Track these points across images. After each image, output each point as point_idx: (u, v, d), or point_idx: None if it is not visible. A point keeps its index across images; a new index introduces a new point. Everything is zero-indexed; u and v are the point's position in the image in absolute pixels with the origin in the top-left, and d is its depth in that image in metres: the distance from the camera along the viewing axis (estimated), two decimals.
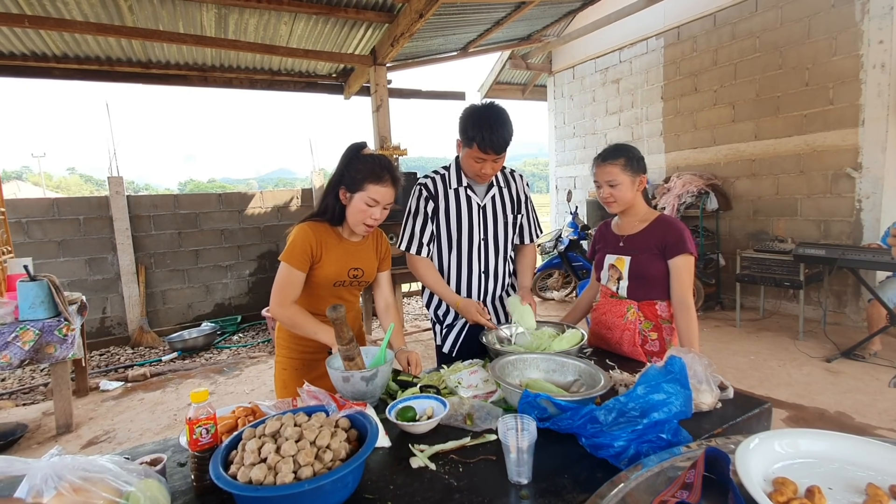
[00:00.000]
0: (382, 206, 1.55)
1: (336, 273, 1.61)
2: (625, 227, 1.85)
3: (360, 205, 1.53)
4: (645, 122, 6.53)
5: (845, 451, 0.84)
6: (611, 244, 1.88)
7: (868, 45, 4.30)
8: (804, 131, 4.85)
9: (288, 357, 1.70)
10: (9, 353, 2.79)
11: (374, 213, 1.54)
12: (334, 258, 1.60)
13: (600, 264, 1.91)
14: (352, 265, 1.64)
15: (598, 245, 1.98)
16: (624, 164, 1.72)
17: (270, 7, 4.17)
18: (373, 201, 1.53)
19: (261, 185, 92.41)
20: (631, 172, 1.73)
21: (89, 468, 0.85)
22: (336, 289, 1.65)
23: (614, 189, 1.74)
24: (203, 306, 5.72)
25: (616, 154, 1.74)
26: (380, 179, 1.52)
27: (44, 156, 39.93)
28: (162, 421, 3.29)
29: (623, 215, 1.86)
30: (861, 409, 2.96)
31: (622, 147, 1.77)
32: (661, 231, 1.73)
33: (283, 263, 1.54)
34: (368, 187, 1.52)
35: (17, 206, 4.75)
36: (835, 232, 4.73)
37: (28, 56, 4.87)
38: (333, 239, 1.61)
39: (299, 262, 1.54)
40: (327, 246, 1.59)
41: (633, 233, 1.80)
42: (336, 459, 0.94)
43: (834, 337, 4.14)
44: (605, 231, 1.95)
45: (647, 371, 1.19)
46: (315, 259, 1.57)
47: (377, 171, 1.53)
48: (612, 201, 1.78)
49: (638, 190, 1.77)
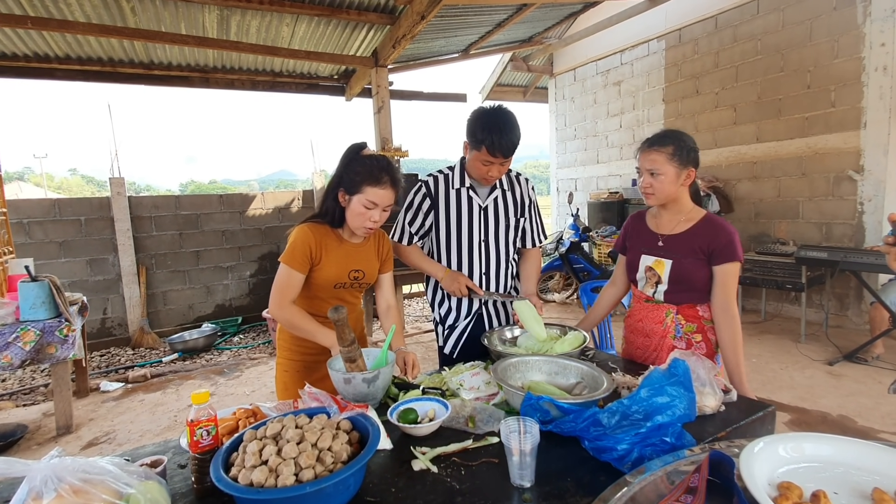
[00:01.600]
0: (382, 209, 1.53)
1: (336, 275, 1.60)
2: (664, 224, 1.67)
3: (358, 207, 1.52)
4: (646, 124, 6.52)
5: (851, 455, 0.83)
6: (647, 243, 1.70)
7: (870, 48, 4.30)
8: (806, 134, 4.84)
9: (289, 359, 1.69)
10: (10, 353, 2.79)
11: (373, 215, 1.52)
12: (334, 260, 1.59)
13: (634, 265, 1.73)
14: (352, 267, 1.63)
15: (629, 242, 1.78)
16: (672, 152, 1.55)
17: (272, 9, 4.18)
18: (371, 204, 1.51)
19: (262, 187, 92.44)
20: (678, 163, 1.55)
21: (89, 470, 0.84)
22: (336, 291, 1.64)
23: (655, 179, 1.57)
24: (204, 307, 5.72)
25: (664, 140, 1.57)
26: (378, 181, 1.50)
27: (45, 156, 39.96)
28: (162, 422, 3.29)
29: (663, 210, 1.68)
30: (864, 413, 2.95)
31: (674, 133, 1.59)
32: (709, 234, 1.57)
33: (282, 265, 1.54)
34: (366, 189, 1.50)
35: (18, 206, 4.76)
36: (837, 234, 4.72)
37: (31, 57, 4.89)
38: (333, 241, 1.61)
39: (299, 263, 1.53)
40: (327, 248, 1.58)
41: (675, 232, 1.63)
42: (338, 462, 0.93)
43: (836, 340, 4.13)
44: (639, 226, 1.75)
45: (651, 374, 1.18)
46: (315, 261, 1.56)
47: (375, 174, 1.50)
48: (650, 192, 1.60)
49: (683, 184, 1.59)
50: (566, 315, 5.73)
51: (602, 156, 7.38)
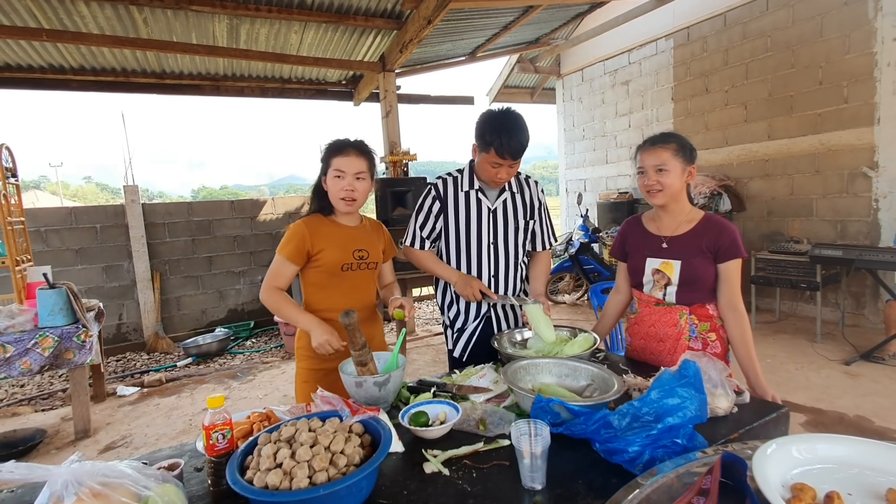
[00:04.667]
0: (354, 176, 1.60)
1: (341, 256, 1.64)
2: (666, 226, 1.68)
3: (332, 182, 1.61)
4: (655, 123, 6.48)
5: (865, 456, 0.82)
6: (650, 246, 1.69)
7: (882, 43, 4.23)
8: (818, 130, 4.78)
9: (309, 368, 1.68)
10: (29, 359, 2.85)
11: (344, 184, 1.59)
12: (335, 243, 1.64)
13: (638, 270, 1.72)
14: (355, 247, 1.67)
15: (629, 247, 1.78)
16: (675, 149, 1.57)
17: (281, 16, 4.23)
18: (339, 172, 1.59)
19: (272, 192, 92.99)
20: (682, 160, 1.57)
21: (108, 474, 0.86)
22: (347, 274, 1.66)
23: (661, 176, 1.57)
24: (216, 312, 5.79)
25: (667, 139, 1.60)
26: (341, 151, 1.60)
27: (61, 165, 40.78)
28: (177, 426, 3.33)
29: (664, 212, 1.68)
30: (881, 413, 2.90)
31: (673, 133, 1.64)
32: (713, 233, 1.60)
33: (276, 255, 1.63)
34: (333, 161, 1.60)
35: (35, 215, 4.85)
36: (851, 232, 4.65)
37: (46, 69, 5.00)
38: (329, 227, 1.67)
39: (290, 253, 1.60)
40: (324, 234, 1.64)
41: (679, 234, 1.64)
42: (350, 465, 0.94)
43: (852, 339, 4.06)
44: (638, 230, 1.76)
45: (661, 375, 1.18)
46: (313, 250, 1.62)
47: (339, 145, 1.62)
48: (658, 190, 1.59)
49: (686, 182, 1.62)
50: (576, 316, 5.70)
51: (611, 156, 7.34)
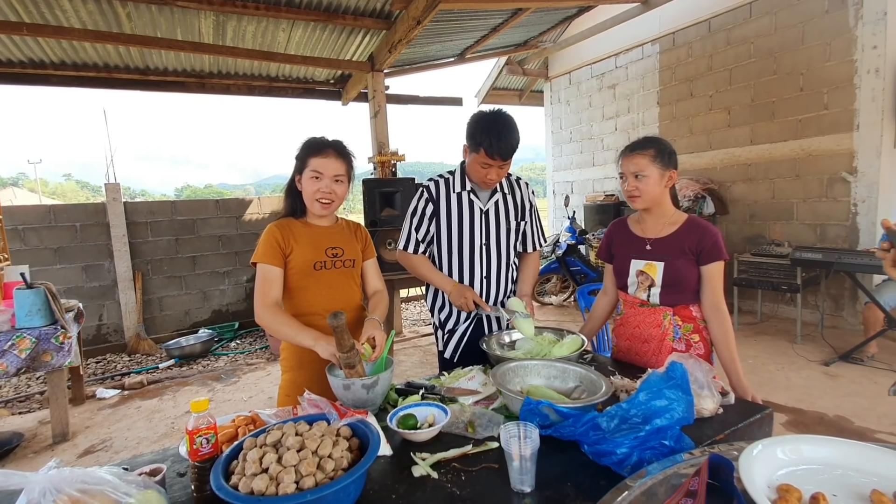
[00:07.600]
0: (331, 179, 1.55)
1: (312, 255, 1.60)
2: (650, 228, 1.72)
3: (308, 182, 1.56)
4: (641, 127, 6.56)
5: (849, 457, 0.83)
6: (634, 248, 1.73)
7: (862, 51, 4.34)
8: (799, 136, 4.88)
9: (293, 381, 1.62)
10: (5, 361, 2.77)
11: (321, 185, 1.55)
12: (306, 242, 1.61)
13: (623, 271, 1.76)
14: (328, 244, 1.64)
15: (615, 249, 1.82)
16: (654, 155, 1.62)
17: (268, 14, 4.18)
18: (317, 173, 1.54)
19: (258, 191, 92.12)
20: (660, 165, 1.62)
21: (88, 480, 0.84)
22: (321, 273, 1.61)
23: (640, 182, 1.62)
24: (200, 313, 5.70)
25: (646, 145, 1.64)
26: (319, 151, 1.55)
27: (40, 162, 39.62)
28: (159, 429, 3.27)
29: (648, 215, 1.73)
30: (860, 413, 2.96)
31: (652, 138, 1.67)
32: (695, 235, 1.63)
33: (257, 265, 1.56)
34: (310, 161, 1.55)
35: (13, 212, 4.73)
36: (831, 236, 4.75)
37: (26, 63, 4.87)
38: (300, 228, 1.63)
39: (269, 257, 1.55)
40: (295, 235, 1.60)
41: (662, 236, 1.69)
42: (338, 469, 0.93)
43: (832, 340, 4.15)
44: (623, 232, 1.80)
45: (649, 377, 1.19)
46: (286, 251, 1.58)
47: (317, 145, 1.57)
48: (636, 195, 1.65)
49: (666, 186, 1.66)
50: (563, 318, 5.73)
51: (598, 158, 7.41)
